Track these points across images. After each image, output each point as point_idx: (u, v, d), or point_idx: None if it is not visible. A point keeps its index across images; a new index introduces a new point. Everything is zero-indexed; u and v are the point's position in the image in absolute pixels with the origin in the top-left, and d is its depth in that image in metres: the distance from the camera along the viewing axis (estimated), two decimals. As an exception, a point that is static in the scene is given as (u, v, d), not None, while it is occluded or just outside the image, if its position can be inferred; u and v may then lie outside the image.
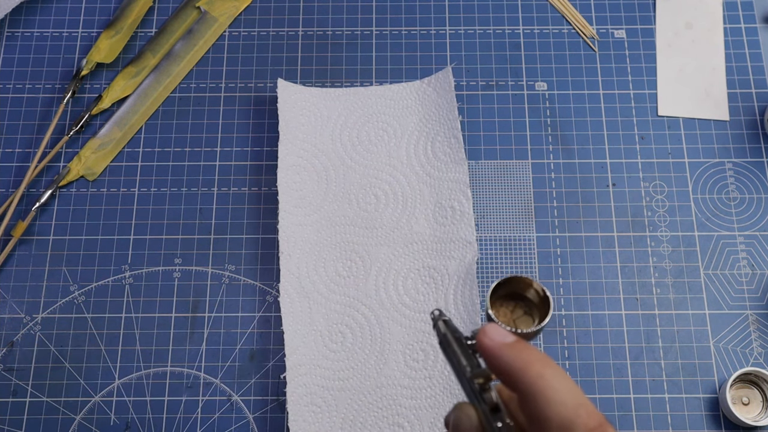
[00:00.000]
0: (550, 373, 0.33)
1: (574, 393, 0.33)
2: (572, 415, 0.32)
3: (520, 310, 0.40)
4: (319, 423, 0.56)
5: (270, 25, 0.70)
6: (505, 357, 0.34)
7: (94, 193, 0.64)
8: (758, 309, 0.60)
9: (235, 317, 0.60)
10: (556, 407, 0.32)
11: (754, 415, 0.57)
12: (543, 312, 0.38)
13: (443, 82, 0.66)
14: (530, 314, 0.39)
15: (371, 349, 0.58)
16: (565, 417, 0.32)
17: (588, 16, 0.70)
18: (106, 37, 0.68)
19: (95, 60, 0.67)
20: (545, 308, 0.38)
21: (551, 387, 0.33)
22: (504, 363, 0.34)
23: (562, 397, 0.32)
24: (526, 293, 0.39)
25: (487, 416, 0.33)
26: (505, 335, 0.35)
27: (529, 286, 0.39)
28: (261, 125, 0.66)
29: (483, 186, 0.64)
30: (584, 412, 0.32)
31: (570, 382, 0.33)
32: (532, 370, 0.33)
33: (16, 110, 0.67)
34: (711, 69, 0.68)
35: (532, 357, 0.34)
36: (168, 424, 0.57)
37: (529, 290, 0.39)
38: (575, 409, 0.32)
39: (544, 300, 0.38)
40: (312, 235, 0.62)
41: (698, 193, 0.64)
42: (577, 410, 0.32)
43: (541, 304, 0.39)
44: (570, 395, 0.32)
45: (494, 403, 0.34)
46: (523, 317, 0.39)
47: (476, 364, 0.36)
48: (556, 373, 0.33)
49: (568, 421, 0.32)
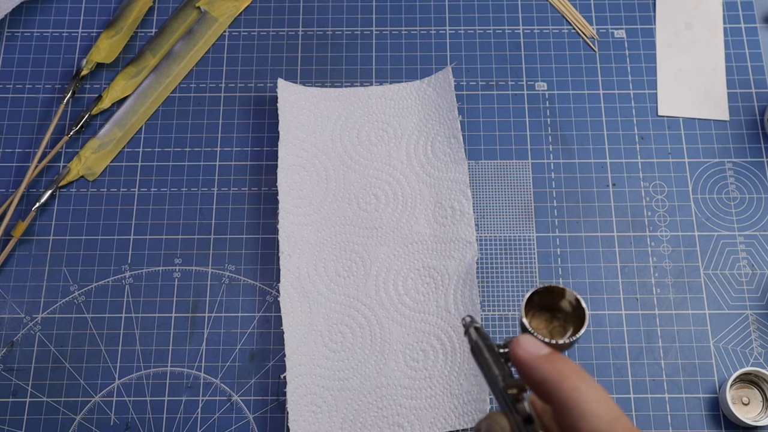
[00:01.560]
0: (586, 385, 0.33)
1: (609, 406, 0.32)
2: (607, 429, 0.32)
3: (555, 320, 0.39)
4: (319, 423, 0.56)
5: (270, 25, 0.70)
6: (540, 369, 0.34)
7: (94, 193, 0.64)
8: (758, 309, 0.60)
9: (235, 317, 0.60)
10: (591, 420, 0.32)
11: (754, 415, 0.57)
12: (578, 322, 0.37)
13: (443, 82, 0.66)
14: (564, 325, 0.39)
15: (371, 349, 0.58)
16: (599, 430, 0.32)
17: (588, 16, 0.70)
18: (106, 37, 0.68)
19: (95, 60, 0.67)
20: (580, 318, 0.37)
21: (586, 400, 0.32)
22: (538, 375, 0.34)
23: (598, 410, 0.32)
24: (560, 303, 0.39)
25: (519, 427, 0.33)
26: (539, 347, 0.35)
27: (563, 295, 0.38)
28: (261, 125, 0.66)
29: (483, 186, 0.64)
30: (620, 426, 0.32)
31: (605, 396, 0.33)
32: (568, 383, 0.33)
33: (16, 110, 0.67)
34: (711, 69, 0.68)
35: (567, 369, 0.33)
36: (168, 424, 0.57)
37: (562, 300, 0.38)
38: (610, 423, 0.32)
39: (577, 310, 0.38)
40: (312, 235, 0.62)
41: (698, 193, 0.64)
42: (612, 424, 0.32)
43: (575, 315, 0.38)
44: (605, 409, 0.32)
45: (527, 414, 0.34)
46: (557, 328, 0.39)
47: (509, 374, 0.35)
48: (592, 385, 0.33)
49: (609, 422, 0.32)
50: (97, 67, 0.68)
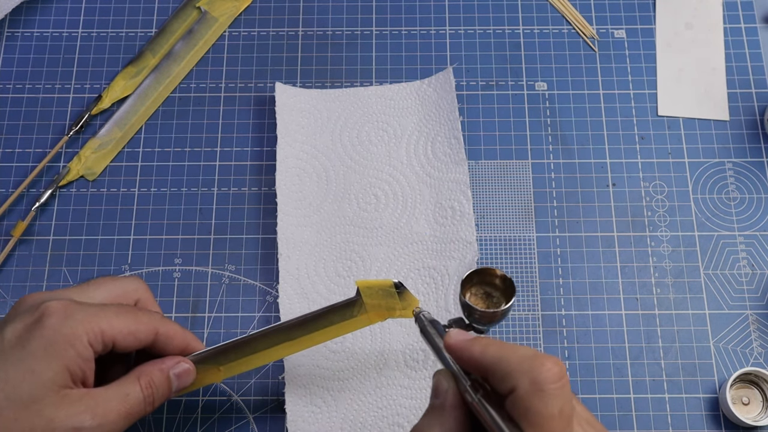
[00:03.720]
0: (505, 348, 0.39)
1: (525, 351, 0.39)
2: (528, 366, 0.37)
3: (489, 297, 0.48)
4: (318, 423, 0.56)
5: (270, 25, 0.70)
6: (467, 349, 0.41)
7: (94, 193, 0.64)
8: (758, 309, 0.60)
9: (235, 317, 0.60)
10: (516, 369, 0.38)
11: (754, 415, 0.57)
12: (509, 296, 0.47)
13: (444, 82, 0.66)
14: (500, 299, 0.48)
15: (371, 349, 0.58)
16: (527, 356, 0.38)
17: (588, 16, 0.70)
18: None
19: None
20: (510, 293, 0.47)
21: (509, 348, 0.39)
22: (467, 354, 0.41)
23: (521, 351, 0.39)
24: (494, 282, 0.48)
25: (460, 373, 0.41)
26: (465, 335, 0.43)
27: (495, 274, 0.48)
28: (261, 125, 0.66)
29: (483, 186, 0.64)
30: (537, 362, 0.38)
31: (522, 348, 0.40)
32: (490, 350, 0.40)
33: (16, 110, 0.67)
34: (711, 69, 0.68)
35: (487, 342, 0.41)
36: (168, 424, 0.57)
37: (495, 279, 0.48)
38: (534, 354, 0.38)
39: (509, 287, 0.47)
40: (312, 236, 0.62)
41: (698, 193, 0.64)
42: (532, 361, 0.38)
43: (506, 290, 0.47)
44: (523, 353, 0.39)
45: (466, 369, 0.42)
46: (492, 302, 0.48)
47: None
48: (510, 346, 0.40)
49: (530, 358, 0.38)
50: (97, 67, 0.68)
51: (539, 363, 0.37)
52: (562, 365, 0.38)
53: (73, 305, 0.44)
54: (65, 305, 0.44)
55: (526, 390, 0.37)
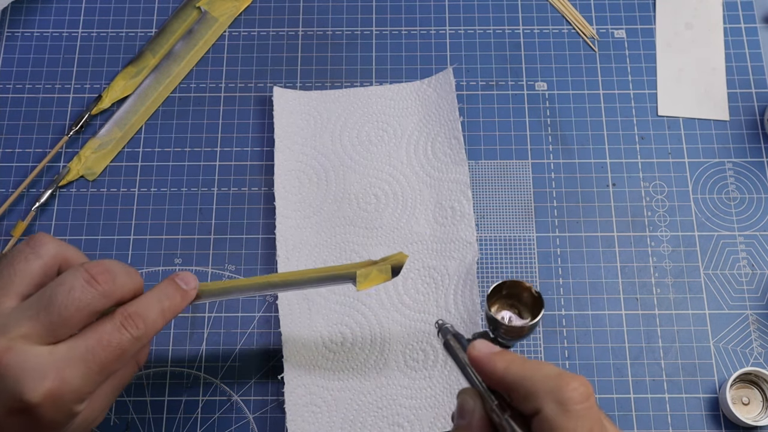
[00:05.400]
0: (528, 366, 0.38)
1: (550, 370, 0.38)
2: (553, 385, 0.36)
3: (514, 310, 0.46)
4: (318, 423, 0.56)
5: (270, 25, 0.70)
6: (491, 363, 0.39)
7: (94, 193, 0.64)
8: (758, 309, 0.60)
9: (235, 317, 0.60)
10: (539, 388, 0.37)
11: (754, 415, 0.57)
12: (536, 311, 0.44)
13: (444, 82, 0.66)
14: (523, 314, 0.46)
15: (371, 349, 0.58)
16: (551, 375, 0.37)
17: (588, 16, 0.70)
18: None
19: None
20: (538, 308, 0.44)
21: (533, 367, 0.38)
22: (490, 368, 0.39)
23: (545, 369, 0.37)
24: (521, 295, 0.46)
25: (487, 393, 0.39)
26: (491, 347, 0.41)
27: (524, 288, 0.45)
28: (261, 125, 0.66)
29: (483, 186, 0.64)
30: (566, 374, 0.37)
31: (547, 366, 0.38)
32: (515, 365, 0.38)
33: (16, 110, 0.67)
34: (711, 69, 0.68)
35: (511, 358, 0.39)
36: (168, 424, 0.57)
37: (523, 292, 0.46)
38: (558, 373, 0.37)
39: (537, 301, 0.44)
40: (312, 237, 0.62)
41: (698, 193, 0.64)
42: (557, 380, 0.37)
43: (534, 304, 0.45)
44: (548, 371, 0.37)
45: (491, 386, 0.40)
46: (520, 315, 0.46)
47: None
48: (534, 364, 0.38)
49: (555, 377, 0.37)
50: (97, 67, 0.68)
51: (565, 383, 0.36)
52: (588, 384, 0.36)
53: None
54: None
55: (553, 411, 0.36)
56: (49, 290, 0.40)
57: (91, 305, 0.41)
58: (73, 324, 0.40)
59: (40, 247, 0.43)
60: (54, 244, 0.43)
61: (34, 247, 0.43)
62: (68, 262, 0.43)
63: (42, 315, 0.40)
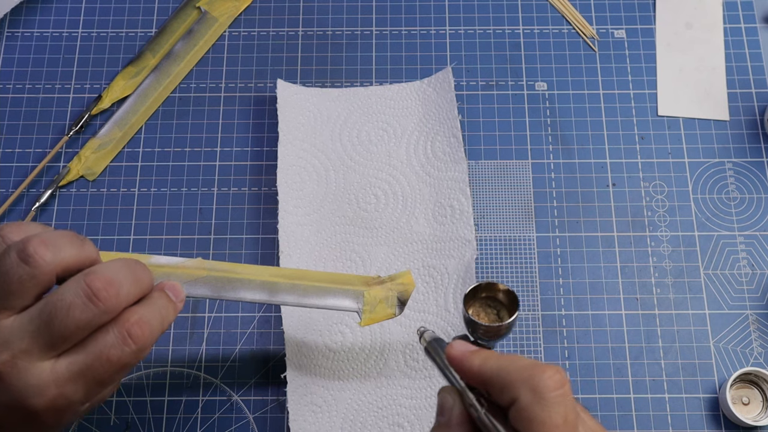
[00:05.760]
0: (504, 360, 0.39)
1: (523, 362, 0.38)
2: (527, 375, 0.37)
3: (494, 310, 0.47)
4: (319, 423, 0.56)
5: (270, 25, 0.70)
6: (468, 361, 0.40)
7: (94, 193, 0.64)
8: (758, 309, 0.60)
9: (235, 317, 0.60)
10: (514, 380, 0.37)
11: (754, 415, 0.57)
12: (512, 309, 0.46)
13: (443, 82, 0.66)
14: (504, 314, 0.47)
15: (371, 349, 0.58)
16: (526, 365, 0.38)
17: (588, 16, 0.70)
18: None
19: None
20: (514, 305, 0.45)
21: (509, 359, 0.39)
22: (468, 366, 0.40)
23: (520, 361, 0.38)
24: (496, 296, 0.47)
25: (465, 390, 0.40)
26: (468, 346, 0.42)
27: (499, 289, 0.46)
28: (261, 125, 0.66)
29: (483, 186, 0.64)
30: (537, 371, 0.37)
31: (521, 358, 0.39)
32: (491, 360, 0.39)
33: (16, 110, 0.67)
34: (711, 69, 0.68)
35: (487, 355, 0.40)
36: (168, 424, 0.57)
37: (499, 293, 0.46)
38: (533, 363, 0.38)
39: (513, 299, 0.45)
40: (312, 235, 0.62)
41: (698, 193, 0.64)
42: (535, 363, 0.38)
43: (510, 304, 0.46)
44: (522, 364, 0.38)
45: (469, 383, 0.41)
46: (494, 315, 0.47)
47: None
48: (509, 358, 0.39)
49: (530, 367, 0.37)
50: (97, 67, 0.68)
51: (539, 371, 0.37)
52: (563, 372, 0.37)
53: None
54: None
55: (528, 400, 0.36)
56: (48, 306, 0.39)
57: (92, 323, 0.40)
58: (75, 339, 0.40)
59: (34, 265, 0.39)
60: (50, 255, 0.40)
61: (28, 263, 0.39)
62: (67, 269, 0.41)
63: (42, 332, 0.39)
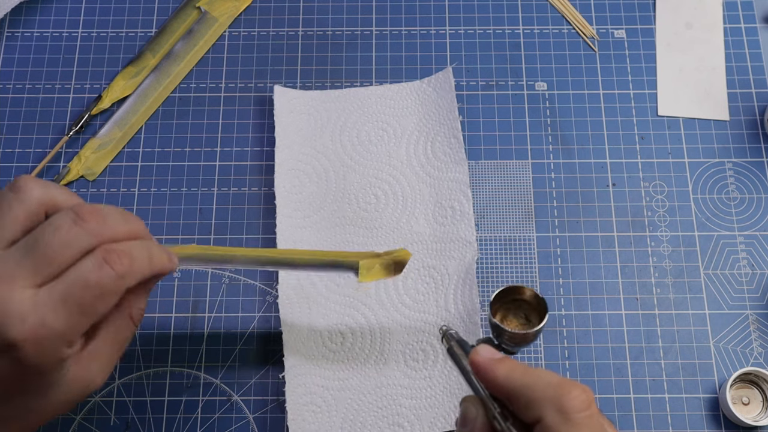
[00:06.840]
0: (530, 375, 0.38)
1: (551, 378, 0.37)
2: (553, 393, 0.36)
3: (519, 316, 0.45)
4: (318, 423, 0.56)
5: (270, 25, 0.70)
6: (493, 370, 0.39)
7: (94, 193, 0.64)
8: (758, 309, 0.60)
9: (235, 317, 0.60)
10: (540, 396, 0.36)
11: (754, 415, 0.57)
12: (541, 314, 0.43)
13: (443, 82, 0.66)
14: (528, 318, 0.45)
15: (371, 349, 0.58)
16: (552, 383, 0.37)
17: (588, 16, 0.70)
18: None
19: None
20: (542, 311, 0.43)
21: (535, 375, 0.38)
22: (492, 375, 0.39)
23: (546, 377, 0.37)
24: (524, 300, 0.45)
25: (489, 401, 0.39)
26: (493, 353, 0.41)
27: (524, 293, 0.45)
28: (261, 125, 0.66)
29: (483, 186, 0.64)
30: (567, 382, 0.36)
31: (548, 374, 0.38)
32: (516, 372, 0.38)
33: (16, 110, 0.67)
34: (711, 69, 0.68)
35: (516, 365, 0.39)
36: (168, 424, 0.57)
37: (525, 297, 0.45)
38: (560, 381, 0.37)
39: (539, 304, 0.44)
40: (312, 237, 0.62)
41: (698, 193, 0.64)
42: (561, 381, 0.37)
43: (538, 309, 0.44)
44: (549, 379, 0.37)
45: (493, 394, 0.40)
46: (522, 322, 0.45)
47: None
48: (535, 373, 0.38)
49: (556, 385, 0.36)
50: (97, 67, 0.68)
51: (566, 391, 0.36)
52: (589, 392, 0.36)
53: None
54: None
55: (554, 420, 0.35)
56: (35, 232, 0.38)
57: (77, 243, 0.38)
58: (59, 263, 0.38)
59: (23, 192, 0.40)
60: (38, 188, 0.40)
61: (17, 191, 0.40)
62: (56, 205, 0.40)
63: (27, 256, 0.38)
